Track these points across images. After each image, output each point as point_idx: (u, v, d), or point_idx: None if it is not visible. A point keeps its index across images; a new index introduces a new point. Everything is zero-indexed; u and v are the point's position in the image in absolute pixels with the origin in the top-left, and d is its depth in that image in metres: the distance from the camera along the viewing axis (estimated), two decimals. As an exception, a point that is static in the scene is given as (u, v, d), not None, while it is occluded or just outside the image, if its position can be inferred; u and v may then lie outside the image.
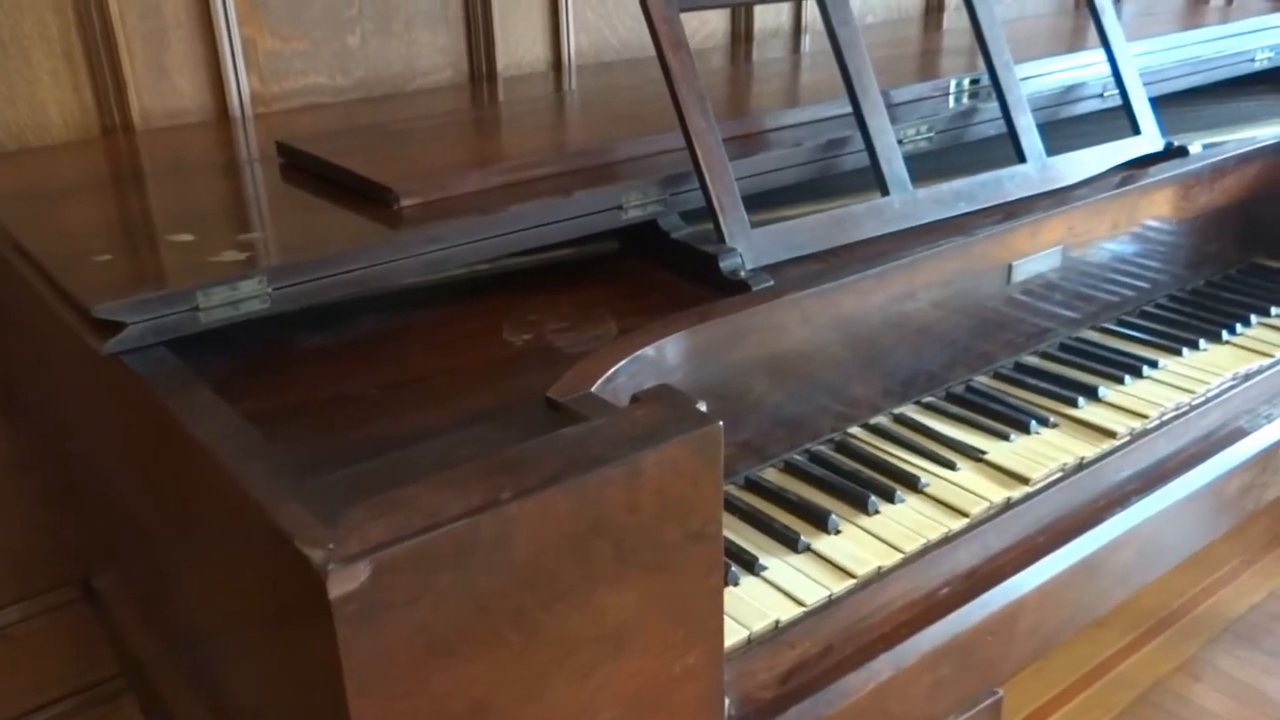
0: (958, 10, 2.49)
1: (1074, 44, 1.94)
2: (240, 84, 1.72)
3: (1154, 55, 1.87)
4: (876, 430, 1.27)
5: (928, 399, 1.34)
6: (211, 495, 0.82)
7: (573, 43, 2.04)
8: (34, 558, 1.66)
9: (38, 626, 1.72)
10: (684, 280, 1.24)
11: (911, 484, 1.16)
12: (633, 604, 0.81)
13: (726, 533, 1.09)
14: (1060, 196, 1.45)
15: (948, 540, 1.09)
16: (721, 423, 0.82)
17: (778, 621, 0.97)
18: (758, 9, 2.24)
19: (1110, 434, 1.26)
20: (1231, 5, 2.45)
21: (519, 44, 1.98)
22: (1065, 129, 1.67)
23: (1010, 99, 1.50)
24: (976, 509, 1.13)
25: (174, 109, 1.68)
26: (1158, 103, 1.73)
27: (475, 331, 1.15)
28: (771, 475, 1.19)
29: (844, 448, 1.24)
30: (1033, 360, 1.44)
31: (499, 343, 1.12)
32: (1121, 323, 1.55)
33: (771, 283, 1.18)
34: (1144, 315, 1.57)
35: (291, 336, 1.13)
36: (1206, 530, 1.37)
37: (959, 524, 1.11)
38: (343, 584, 0.65)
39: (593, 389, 0.94)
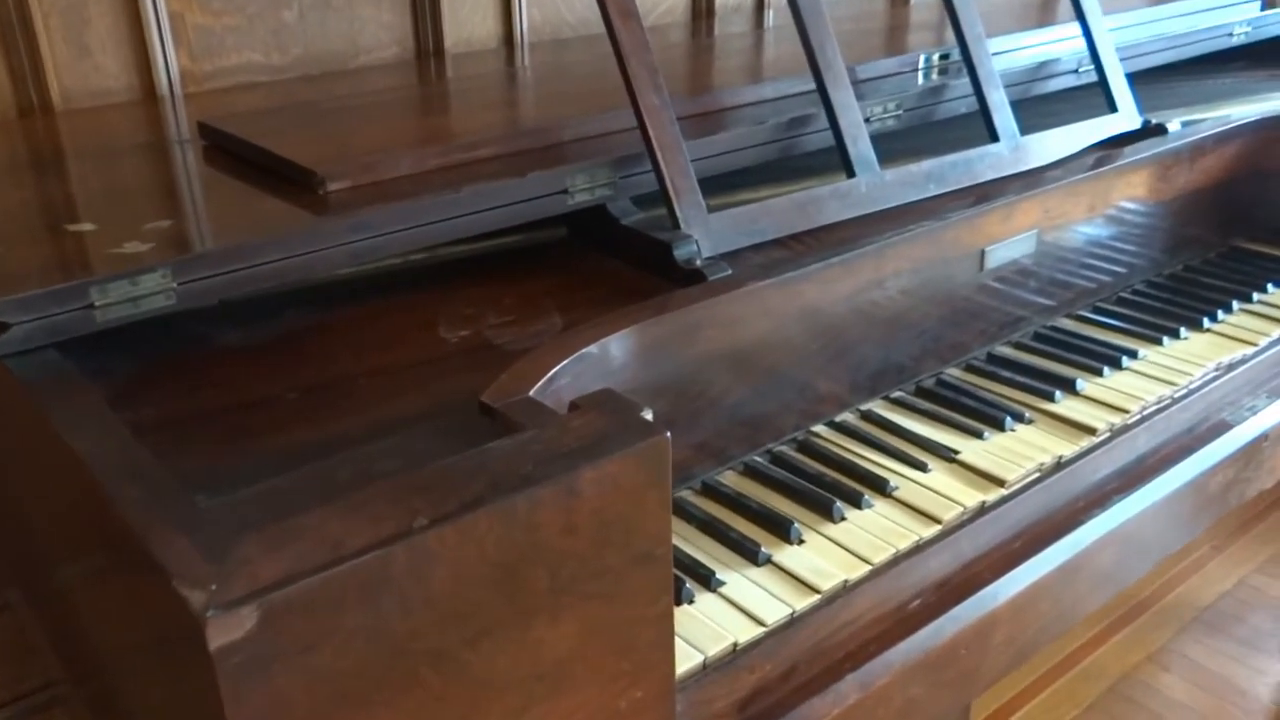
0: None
1: (1048, 18, 1.86)
2: (168, 62, 1.61)
3: (1129, 30, 1.80)
4: (843, 429, 1.19)
5: (897, 394, 1.27)
6: (92, 517, 0.73)
7: (525, 19, 1.94)
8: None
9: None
10: (636, 270, 1.16)
11: (880, 487, 1.09)
12: (571, 636, 0.73)
13: (681, 544, 1.01)
14: (1034, 178, 1.37)
15: (919, 549, 1.02)
16: (669, 433, 0.73)
17: (735, 644, 0.89)
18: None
19: (1090, 430, 1.19)
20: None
21: (468, 20, 1.88)
22: (1039, 106, 1.60)
23: (982, 74, 1.42)
24: (949, 514, 1.05)
25: (97, 89, 1.57)
26: (1134, 79, 1.67)
27: (408, 327, 1.06)
28: (730, 479, 1.11)
29: (808, 448, 1.16)
30: (1007, 351, 1.37)
31: (433, 339, 1.03)
32: (1099, 310, 1.48)
33: (730, 272, 1.10)
34: (1121, 302, 1.50)
35: (208, 334, 1.04)
36: (1188, 528, 1.30)
37: (931, 531, 1.03)
38: (225, 633, 0.57)
39: (530, 392, 0.85)
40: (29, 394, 0.80)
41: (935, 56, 1.56)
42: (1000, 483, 1.10)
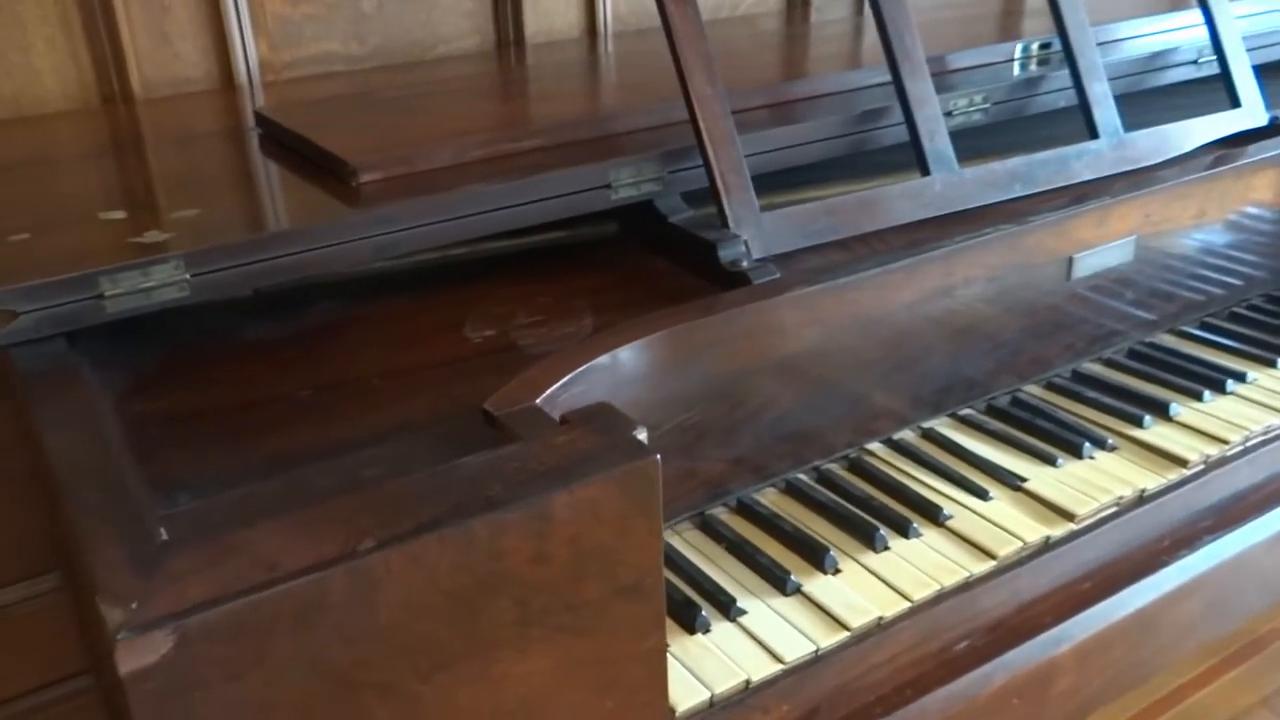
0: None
1: (1170, 3, 1.71)
2: (247, 51, 1.61)
3: (1262, 18, 1.64)
4: (899, 448, 1.10)
5: (965, 411, 1.17)
6: (57, 514, 0.70)
7: (609, 8, 1.89)
8: (37, 535, 1.60)
9: (40, 606, 1.66)
10: (683, 269, 1.09)
11: (932, 515, 1.00)
12: (545, 673, 0.67)
13: (705, 566, 0.94)
14: (1137, 178, 1.25)
15: (967, 586, 0.93)
16: (659, 455, 0.67)
17: (748, 682, 0.82)
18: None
19: (1181, 462, 1.07)
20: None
21: (551, 9, 1.84)
22: (1155, 100, 1.46)
23: (1083, 65, 1.31)
24: (1006, 550, 0.96)
25: (177, 77, 1.58)
26: (1264, 71, 1.52)
27: (435, 325, 1.02)
28: (770, 498, 1.04)
29: (858, 468, 1.07)
30: (1095, 369, 1.25)
31: (457, 339, 0.99)
32: (1206, 326, 1.34)
33: (777, 275, 1.03)
34: (1235, 318, 1.37)
35: (233, 326, 1.02)
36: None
37: (983, 567, 0.94)
38: (137, 657, 0.53)
39: (538, 401, 0.80)
40: (22, 385, 0.78)
41: (1035, 46, 1.44)
42: (1070, 517, 1.00)
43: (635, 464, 0.66)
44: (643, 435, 0.69)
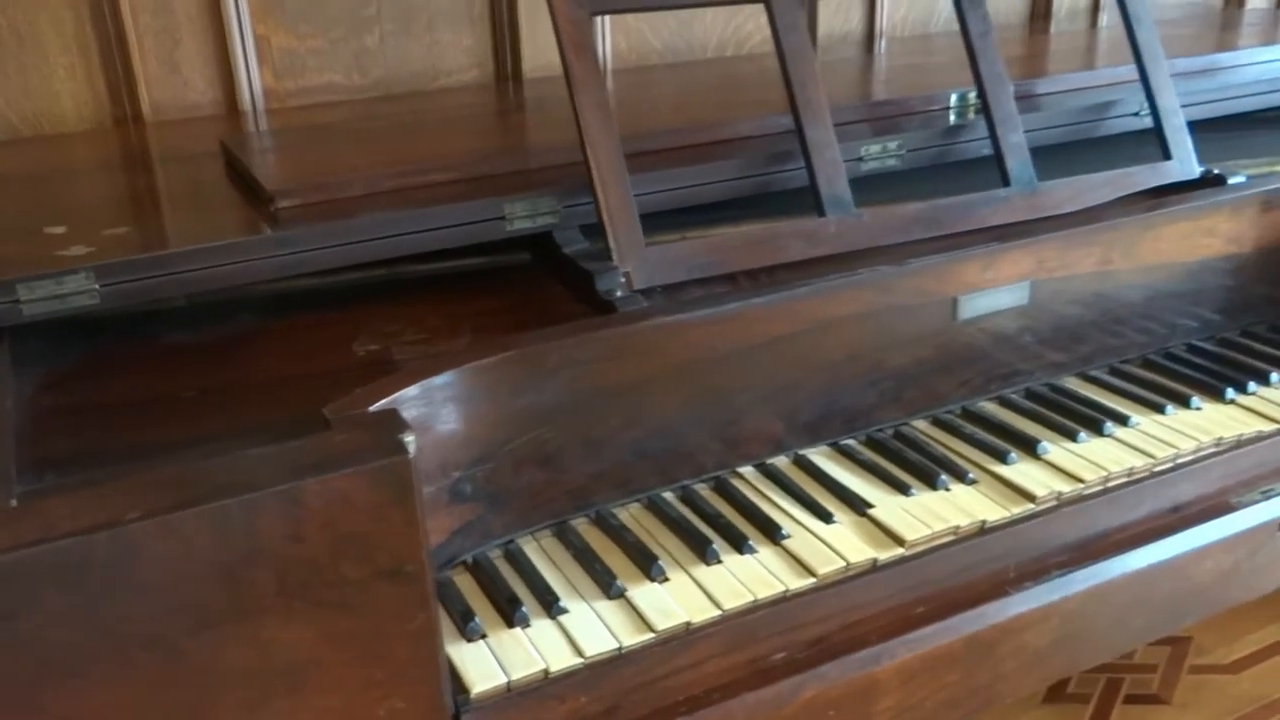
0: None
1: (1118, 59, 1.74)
2: (252, 80, 1.75)
3: (1218, 74, 1.66)
4: (768, 472, 1.17)
5: (846, 441, 1.23)
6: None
7: (609, 44, 1.99)
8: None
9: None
10: (574, 297, 1.18)
11: (771, 534, 1.06)
12: (309, 641, 0.76)
13: (546, 571, 1.03)
14: (1032, 226, 1.30)
15: (784, 600, 0.99)
16: (412, 455, 0.76)
17: (547, 671, 0.90)
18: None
19: (1030, 497, 1.12)
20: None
21: (548, 45, 1.94)
22: (1111, 148, 1.50)
23: (998, 115, 1.36)
24: (827, 569, 1.02)
25: (185, 102, 1.73)
26: (1226, 124, 1.55)
27: (334, 339, 1.12)
28: (631, 511, 1.12)
29: (722, 488, 1.14)
30: (987, 406, 1.29)
31: (345, 352, 1.10)
32: (1116, 371, 1.37)
33: (644, 305, 1.11)
34: (1147, 364, 1.39)
35: (160, 331, 1.14)
36: (1166, 618, 1.20)
37: (801, 583, 1.00)
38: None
39: (372, 408, 0.90)
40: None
41: (971, 95, 1.50)
42: (900, 542, 1.05)
43: (385, 462, 0.75)
44: (409, 439, 0.78)
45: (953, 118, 1.47)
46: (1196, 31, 1.97)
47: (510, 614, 0.95)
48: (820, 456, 1.20)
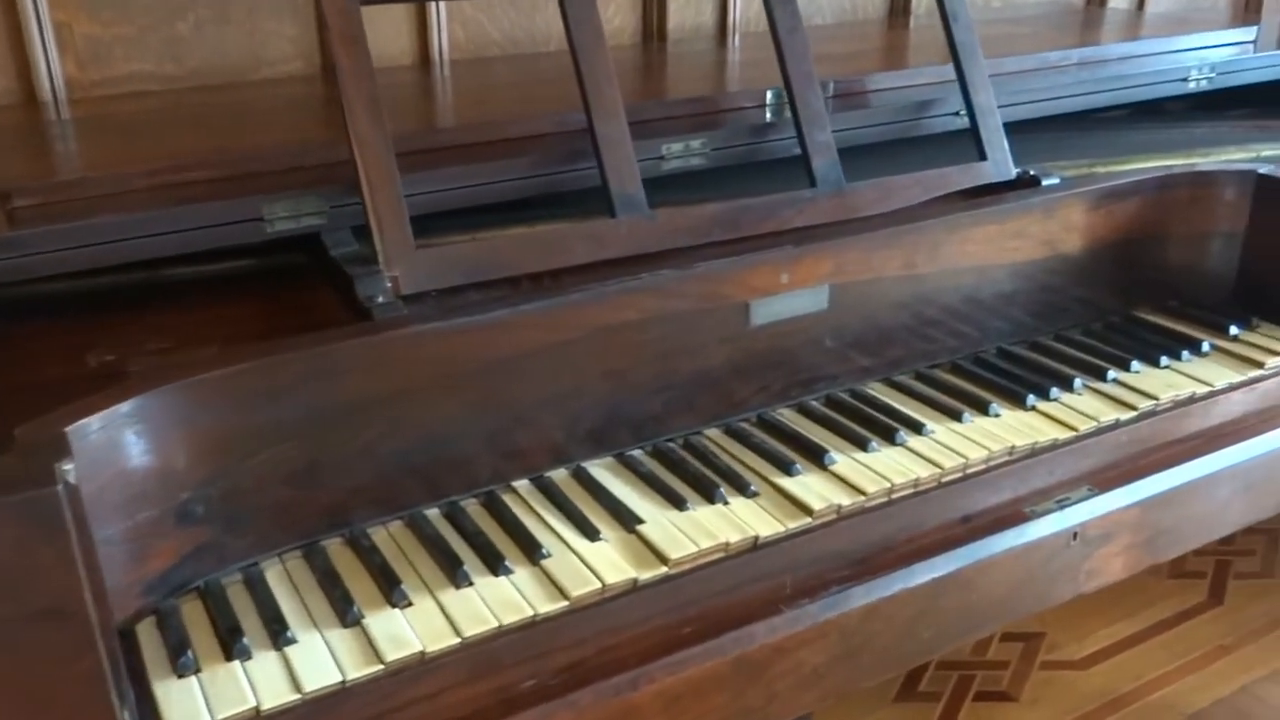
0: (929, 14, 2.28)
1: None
2: (53, 70, 1.65)
3: (1043, 75, 1.65)
4: (542, 486, 1.12)
5: (632, 452, 1.18)
6: None
7: (445, 35, 1.92)
8: None
9: None
10: (342, 302, 1.12)
11: (530, 554, 1.01)
12: (-44, 688, 0.70)
13: (285, 596, 0.96)
14: (828, 230, 1.26)
15: (532, 625, 0.94)
16: (61, 487, 0.69)
17: (258, 709, 0.84)
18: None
19: (807, 510, 1.08)
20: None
21: (379, 36, 1.87)
22: (934, 148, 1.47)
23: (805, 113, 1.32)
24: (582, 591, 0.97)
25: (-23, 91, 1.63)
26: (1055, 124, 1.54)
27: (68, 347, 1.05)
28: (390, 530, 1.06)
29: (491, 505, 1.09)
30: (784, 414, 1.26)
31: (78, 362, 1.02)
32: (921, 377, 1.35)
33: (404, 311, 1.05)
34: (955, 369, 1.37)
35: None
36: (951, 631, 1.17)
37: (553, 607, 0.96)
38: None
39: (69, 428, 0.83)
40: None
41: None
42: (664, 560, 1.01)
43: (34, 494, 0.69)
44: (68, 468, 0.71)
45: (768, 115, 1.43)
46: (1037, 30, 1.96)
47: (230, 647, 0.89)
48: (601, 469, 1.15)
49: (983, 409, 1.26)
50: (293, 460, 1.00)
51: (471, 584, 0.98)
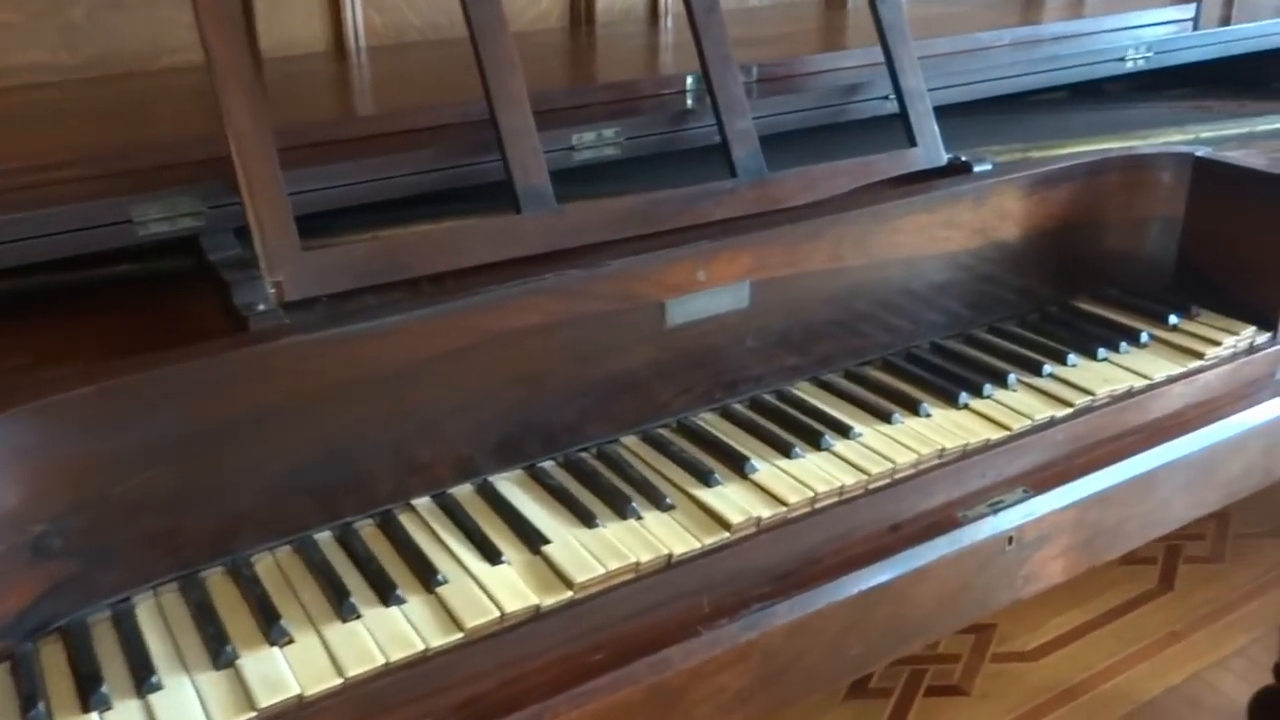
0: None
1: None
2: (-66, 59, 1.55)
3: (976, 55, 1.59)
4: (445, 504, 1.05)
5: (543, 464, 1.11)
6: None
7: (360, 20, 1.83)
8: None
9: None
10: (222, 309, 1.04)
11: (425, 581, 0.94)
12: None
13: (153, 635, 0.89)
14: (750, 222, 1.20)
15: (424, 660, 0.87)
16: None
17: (110, 768, 0.77)
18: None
19: (725, 524, 1.02)
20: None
21: (289, 22, 1.78)
22: (867, 134, 1.41)
23: (723, 100, 1.25)
24: (477, 621, 0.90)
25: None
26: (990, 107, 1.49)
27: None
28: (277, 557, 0.98)
29: (387, 527, 1.02)
30: (707, 419, 1.19)
31: (-74, 381, 0.93)
32: (851, 375, 1.29)
33: (283, 320, 0.98)
34: (886, 366, 1.31)
35: None
36: (884, 644, 1.11)
37: (445, 639, 0.89)
38: None
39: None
40: None
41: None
42: (569, 584, 0.94)
43: None
44: None
45: (689, 101, 1.36)
46: (972, 10, 1.91)
47: (88, 695, 0.81)
48: (508, 483, 1.08)
49: (913, 409, 1.20)
50: (166, 485, 0.92)
51: (359, 616, 0.91)
